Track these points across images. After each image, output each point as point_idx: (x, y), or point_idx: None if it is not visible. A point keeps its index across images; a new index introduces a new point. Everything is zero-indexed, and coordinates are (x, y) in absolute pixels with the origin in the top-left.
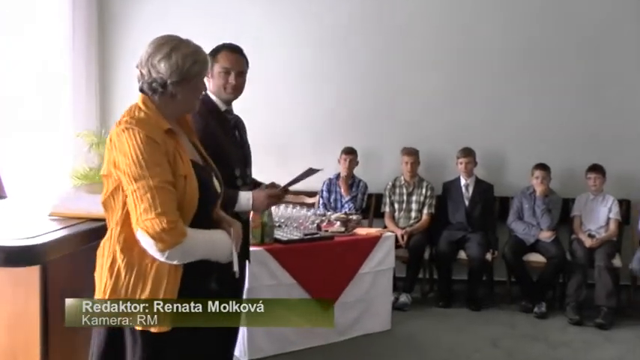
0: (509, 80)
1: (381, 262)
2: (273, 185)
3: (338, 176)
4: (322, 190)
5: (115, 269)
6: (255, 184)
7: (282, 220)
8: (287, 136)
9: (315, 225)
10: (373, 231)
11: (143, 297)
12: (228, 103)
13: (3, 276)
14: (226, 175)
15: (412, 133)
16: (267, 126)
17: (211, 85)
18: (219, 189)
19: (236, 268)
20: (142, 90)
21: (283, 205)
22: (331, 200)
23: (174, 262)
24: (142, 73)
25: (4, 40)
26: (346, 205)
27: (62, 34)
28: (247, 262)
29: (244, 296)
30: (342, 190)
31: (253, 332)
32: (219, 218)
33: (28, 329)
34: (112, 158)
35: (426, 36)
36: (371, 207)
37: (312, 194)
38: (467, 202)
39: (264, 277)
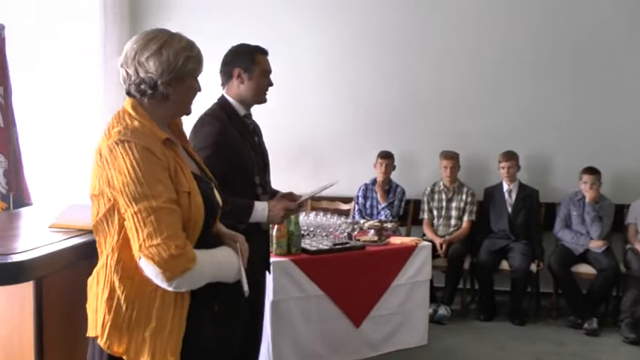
0: (554, 78)
1: (417, 274)
2: (290, 195)
3: (374, 182)
4: (358, 197)
5: (115, 302)
6: (273, 194)
7: (312, 229)
8: (321, 140)
9: (346, 234)
10: (408, 240)
11: (148, 332)
12: (248, 107)
13: None
14: (247, 184)
15: (452, 135)
16: (301, 131)
17: (238, 89)
18: (220, 202)
19: (246, 287)
20: (128, 93)
21: (313, 212)
22: (367, 207)
23: (183, 290)
24: (127, 73)
25: (35, 47)
26: (382, 212)
27: (94, 38)
28: (267, 272)
29: (268, 309)
30: (379, 196)
31: (279, 345)
32: (221, 233)
33: (22, 349)
34: (104, 175)
35: (464, 35)
36: (409, 214)
37: (347, 200)
38: (510, 209)
39: (290, 289)
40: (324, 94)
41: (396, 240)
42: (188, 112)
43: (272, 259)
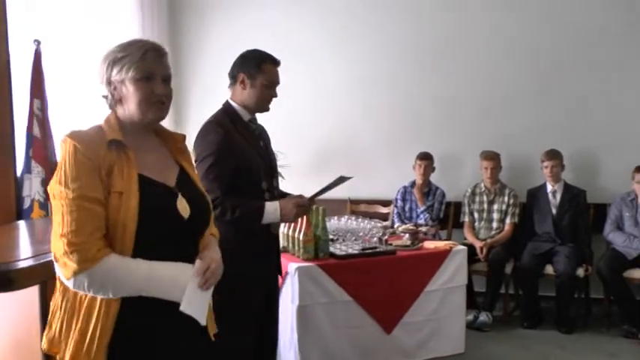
0: (600, 73)
1: (452, 279)
2: (300, 196)
3: (413, 184)
4: (396, 199)
5: (55, 299)
6: (282, 196)
7: (342, 234)
8: (360, 143)
9: (377, 238)
10: (442, 244)
11: (75, 334)
12: (253, 112)
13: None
14: (254, 189)
15: (493, 135)
16: (339, 134)
17: (241, 95)
18: (185, 213)
19: (188, 310)
20: (110, 107)
21: (345, 217)
22: (406, 210)
23: (89, 293)
24: (106, 92)
25: (70, 60)
26: (422, 215)
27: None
28: (279, 276)
29: (294, 314)
30: (417, 199)
31: (307, 350)
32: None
33: (30, 352)
34: None
35: (505, 32)
36: (449, 216)
37: (386, 203)
38: (554, 211)
39: (316, 294)
40: (362, 96)
41: (429, 244)
42: (149, 116)
43: (298, 264)
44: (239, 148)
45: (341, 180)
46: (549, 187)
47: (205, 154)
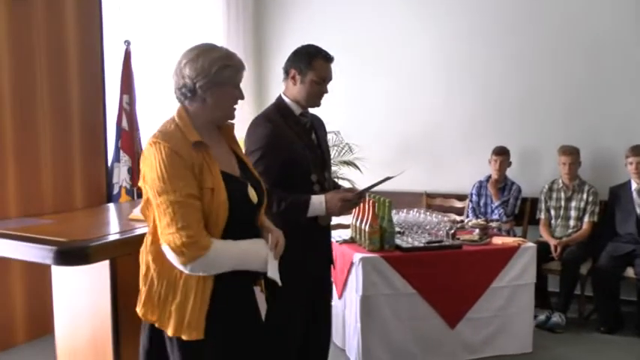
0: None
1: (520, 276)
2: (351, 189)
3: (489, 178)
4: (472, 194)
5: (149, 278)
6: (334, 188)
7: (408, 227)
8: (437, 136)
9: (444, 232)
10: (510, 240)
11: (174, 306)
12: (304, 107)
13: (82, 272)
14: (303, 181)
15: (574, 129)
16: (417, 128)
17: (292, 89)
18: (254, 199)
19: (272, 275)
20: (178, 100)
21: (414, 209)
22: (481, 204)
23: (201, 274)
24: (174, 82)
25: (157, 56)
26: (496, 211)
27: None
28: (332, 267)
29: (358, 304)
30: (492, 194)
31: (369, 341)
32: (263, 227)
33: (102, 318)
34: (142, 171)
35: (586, 21)
36: (525, 213)
37: (462, 198)
38: (638, 210)
39: (380, 285)
40: (442, 89)
41: (497, 240)
42: (230, 117)
43: (362, 255)
44: (287, 142)
45: (387, 179)
46: (634, 185)
47: (254, 148)
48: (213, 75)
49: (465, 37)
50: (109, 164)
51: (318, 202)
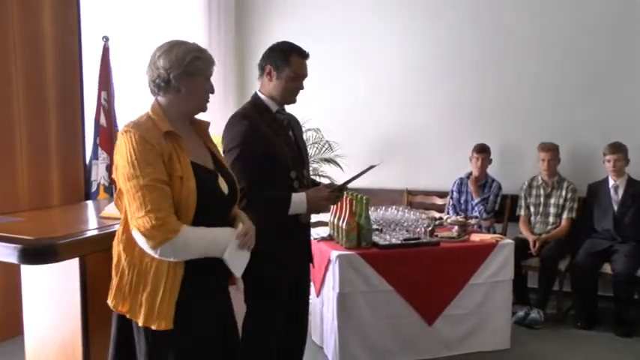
0: None
1: (497, 273)
2: (331, 185)
3: (469, 175)
4: (452, 191)
5: (120, 268)
6: (314, 185)
7: (386, 224)
8: (417, 133)
9: (422, 229)
10: (488, 237)
11: (144, 295)
12: (280, 104)
13: (52, 270)
14: (283, 179)
15: (554, 126)
16: (397, 124)
17: (268, 86)
18: (225, 190)
19: (230, 262)
20: (152, 92)
21: (393, 207)
22: (461, 202)
23: (171, 259)
24: (148, 76)
25: (136, 53)
26: (476, 208)
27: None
28: (311, 265)
29: (335, 302)
30: (472, 191)
31: (346, 338)
32: (235, 218)
33: (72, 318)
34: (115, 161)
35: (565, 20)
36: (505, 210)
37: (443, 195)
38: (615, 207)
39: (357, 282)
40: (422, 87)
41: (475, 237)
42: (203, 109)
43: (339, 252)
44: (265, 138)
45: (369, 168)
46: (611, 182)
47: (231, 146)
48: (186, 65)
49: (446, 35)
50: (87, 161)
51: (299, 199)
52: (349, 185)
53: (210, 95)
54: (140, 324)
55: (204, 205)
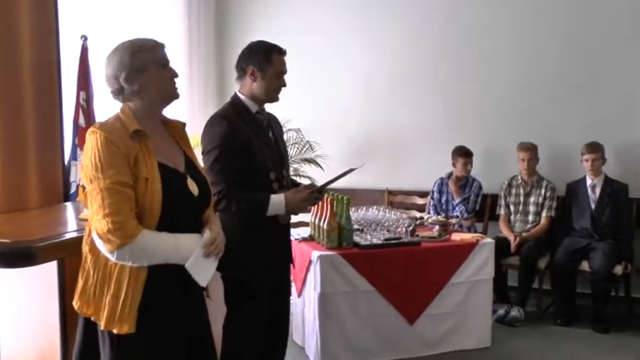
0: None
1: (478, 272)
2: (311, 186)
3: (450, 176)
4: (433, 191)
5: (85, 270)
6: (294, 185)
7: (367, 224)
8: (399, 133)
9: (403, 229)
10: (469, 237)
11: (108, 298)
12: (261, 103)
13: (29, 274)
14: (262, 180)
15: (534, 126)
16: (378, 124)
17: (250, 87)
18: (195, 192)
19: (192, 270)
20: (117, 100)
21: (374, 207)
22: (442, 202)
23: (129, 264)
24: (108, 88)
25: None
26: (457, 208)
27: (177, 41)
28: (292, 265)
29: (316, 302)
30: (453, 192)
31: (328, 339)
32: (205, 224)
33: (50, 322)
34: (82, 161)
35: (546, 23)
36: (486, 209)
37: (423, 194)
38: (593, 206)
39: (339, 283)
40: (402, 87)
41: (456, 236)
42: (173, 96)
43: (320, 253)
44: (244, 140)
45: (350, 171)
46: (589, 181)
47: (210, 147)
48: (129, 64)
49: (426, 37)
50: (66, 162)
51: (277, 201)
52: (330, 186)
53: (193, 97)
54: (102, 327)
55: (170, 208)
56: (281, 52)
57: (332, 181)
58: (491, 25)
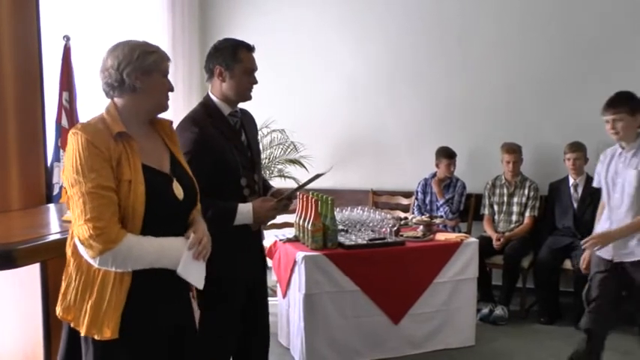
0: (625, 64)
1: (462, 271)
2: (278, 192)
3: (434, 176)
4: (417, 192)
5: (68, 273)
6: (266, 189)
7: (351, 225)
8: (382, 134)
9: (388, 229)
10: (453, 236)
11: (90, 303)
12: (234, 105)
13: (10, 277)
14: (232, 186)
15: (517, 126)
16: (362, 125)
17: (220, 87)
18: (180, 195)
19: (184, 274)
20: (107, 95)
21: (358, 207)
22: (426, 202)
23: (112, 269)
24: (101, 80)
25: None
26: (441, 208)
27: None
28: (274, 266)
29: (301, 303)
30: (437, 192)
31: (313, 339)
32: (190, 226)
33: (33, 326)
34: (63, 163)
35: (533, 19)
36: (470, 209)
37: (408, 195)
38: (575, 205)
39: (323, 283)
40: (386, 88)
41: (440, 236)
42: (163, 108)
43: (305, 253)
44: (215, 146)
45: (317, 176)
46: (571, 181)
47: (183, 152)
48: (136, 60)
49: (410, 39)
50: (49, 164)
51: (245, 210)
52: (310, 186)
53: (173, 95)
54: (82, 333)
55: (154, 211)
56: (249, 49)
57: (299, 188)
58: (477, 26)
